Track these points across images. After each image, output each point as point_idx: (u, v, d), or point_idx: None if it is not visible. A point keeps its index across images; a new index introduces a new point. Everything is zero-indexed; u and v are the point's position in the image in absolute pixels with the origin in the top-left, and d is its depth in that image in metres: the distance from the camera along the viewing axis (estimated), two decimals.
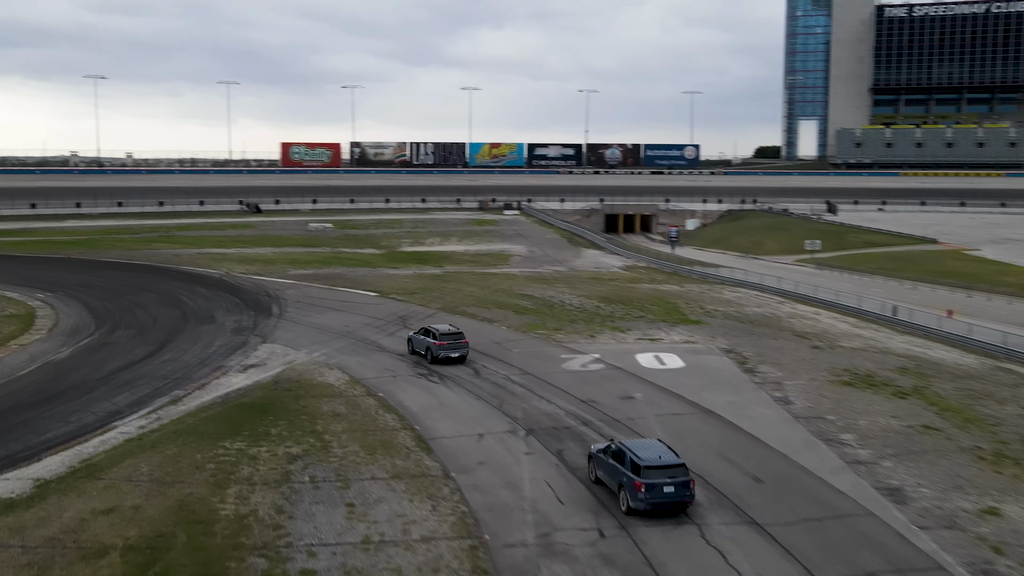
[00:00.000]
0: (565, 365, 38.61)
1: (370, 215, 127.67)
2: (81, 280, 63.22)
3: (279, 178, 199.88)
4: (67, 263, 72.67)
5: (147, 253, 79.31)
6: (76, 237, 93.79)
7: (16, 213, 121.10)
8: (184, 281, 62.67)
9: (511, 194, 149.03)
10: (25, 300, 55.06)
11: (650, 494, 22.87)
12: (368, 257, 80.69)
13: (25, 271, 67.85)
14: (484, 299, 56.12)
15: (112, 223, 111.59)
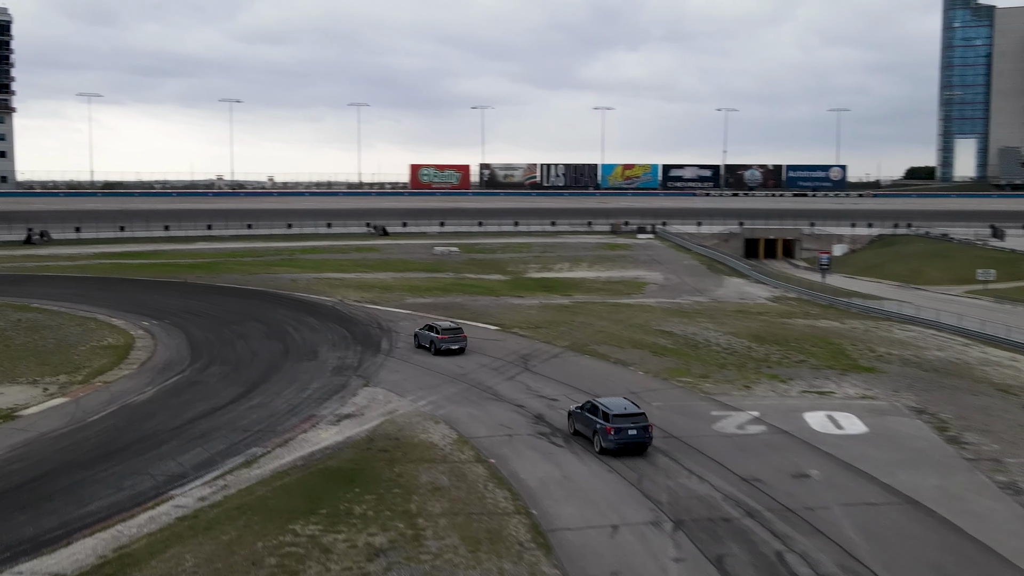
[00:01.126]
0: (717, 426, 31.85)
1: (498, 238, 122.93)
2: (191, 307, 59.95)
3: (408, 200, 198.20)
4: (182, 288, 69.92)
5: (264, 278, 76.14)
6: (200, 260, 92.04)
7: (150, 235, 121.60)
8: (295, 309, 58.61)
9: (644, 217, 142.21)
10: (128, 329, 51.86)
11: (618, 436, 28.21)
12: (492, 284, 75.42)
13: (139, 296, 65.31)
14: (617, 336, 49.77)
15: (239, 245, 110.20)
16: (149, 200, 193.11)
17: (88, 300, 62.82)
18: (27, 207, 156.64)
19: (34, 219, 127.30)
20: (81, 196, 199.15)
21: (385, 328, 51.39)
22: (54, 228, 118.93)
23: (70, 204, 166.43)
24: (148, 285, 71.54)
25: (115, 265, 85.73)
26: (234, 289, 69.05)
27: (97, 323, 53.56)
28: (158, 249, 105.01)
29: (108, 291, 68.18)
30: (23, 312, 57.23)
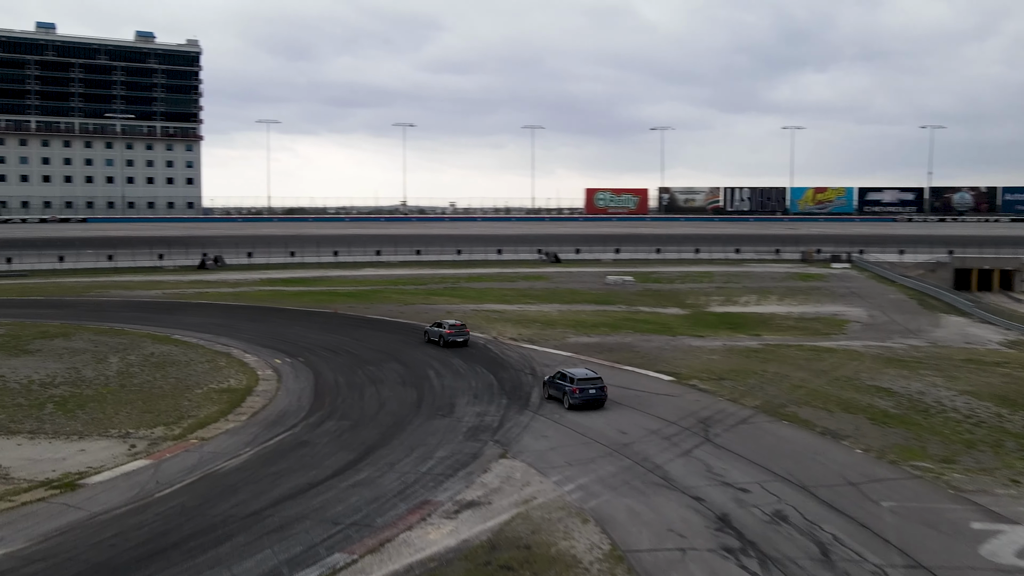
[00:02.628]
0: (986, 549, 22.08)
1: (676, 267, 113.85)
2: (333, 342, 54.53)
3: (582, 226, 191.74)
4: (329, 320, 64.93)
5: (419, 309, 70.43)
6: (360, 287, 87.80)
7: (319, 260, 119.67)
8: (442, 348, 52.10)
9: (839, 244, 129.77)
10: (258, 367, 46.74)
11: (581, 395, 36.53)
12: (669, 320, 66.78)
13: (283, 328, 60.70)
14: (821, 393, 40.32)
15: (404, 272, 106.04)
16: (321, 225, 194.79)
17: (231, 332, 58.74)
18: (207, 232, 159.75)
19: (211, 244, 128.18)
20: (258, 222, 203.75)
21: (539, 375, 43.91)
22: (228, 253, 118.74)
23: (246, 229, 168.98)
24: (297, 316, 67.04)
25: (273, 293, 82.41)
26: (383, 323, 63.49)
27: (228, 360, 48.81)
28: (323, 275, 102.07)
29: (255, 321, 64.15)
30: (161, 345, 53.40)
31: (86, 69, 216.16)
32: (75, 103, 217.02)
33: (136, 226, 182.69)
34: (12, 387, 41.41)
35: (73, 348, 52.08)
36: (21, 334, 57.18)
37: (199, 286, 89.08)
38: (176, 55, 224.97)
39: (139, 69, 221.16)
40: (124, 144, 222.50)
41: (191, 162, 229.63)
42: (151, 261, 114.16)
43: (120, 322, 62.93)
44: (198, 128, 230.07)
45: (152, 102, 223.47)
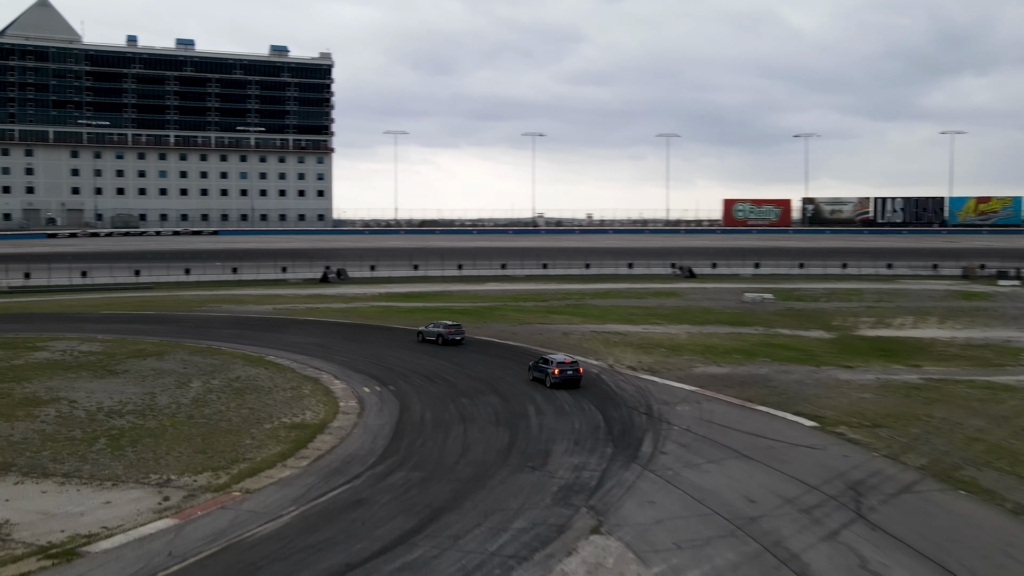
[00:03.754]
0: None
1: (821, 283, 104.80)
2: (431, 368, 49.56)
3: (719, 238, 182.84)
4: (435, 341, 60.07)
5: (534, 330, 64.92)
6: (476, 304, 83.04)
7: (443, 274, 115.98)
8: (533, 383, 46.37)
9: (1006, 259, 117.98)
10: (342, 397, 42.17)
11: (561, 375, 43.20)
12: (811, 345, 59.07)
13: (383, 350, 56.26)
14: (1005, 449, 32.46)
15: (528, 287, 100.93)
16: (449, 238, 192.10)
17: (328, 353, 54.73)
18: (333, 245, 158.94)
19: (335, 257, 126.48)
20: (385, 234, 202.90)
21: (655, 415, 37.65)
22: (352, 266, 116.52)
23: (373, 242, 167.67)
24: (401, 337, 62.51)
25: (384, 310, 78.46)
26: (491, 345, 58.22)
27: (314, 387, 44.46)
28: (444, 290, 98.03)
29: (356, 342, 59.96)
30: (251, 367, 49.71)
31: (222, 84, 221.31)
32: (211, 117, 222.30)
33: (264, 238, 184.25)
34: (77, 415, 38.03)
35: (161, 369, 48.90)
36: (117, 352, 54.72)
37: (313, 301, 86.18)
38: (309, 68, 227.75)
39: (273, 83, 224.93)
40: (258, 157, 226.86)
41: (322, 174, 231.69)
42: (274, 274, 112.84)
43: (220, 340, 59.99)
44: (329, 141, 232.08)
45: (285, 115, 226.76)
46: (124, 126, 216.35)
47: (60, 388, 43.80)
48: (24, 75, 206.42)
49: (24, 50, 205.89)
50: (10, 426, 36.26)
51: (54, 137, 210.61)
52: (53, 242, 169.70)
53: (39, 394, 42.39)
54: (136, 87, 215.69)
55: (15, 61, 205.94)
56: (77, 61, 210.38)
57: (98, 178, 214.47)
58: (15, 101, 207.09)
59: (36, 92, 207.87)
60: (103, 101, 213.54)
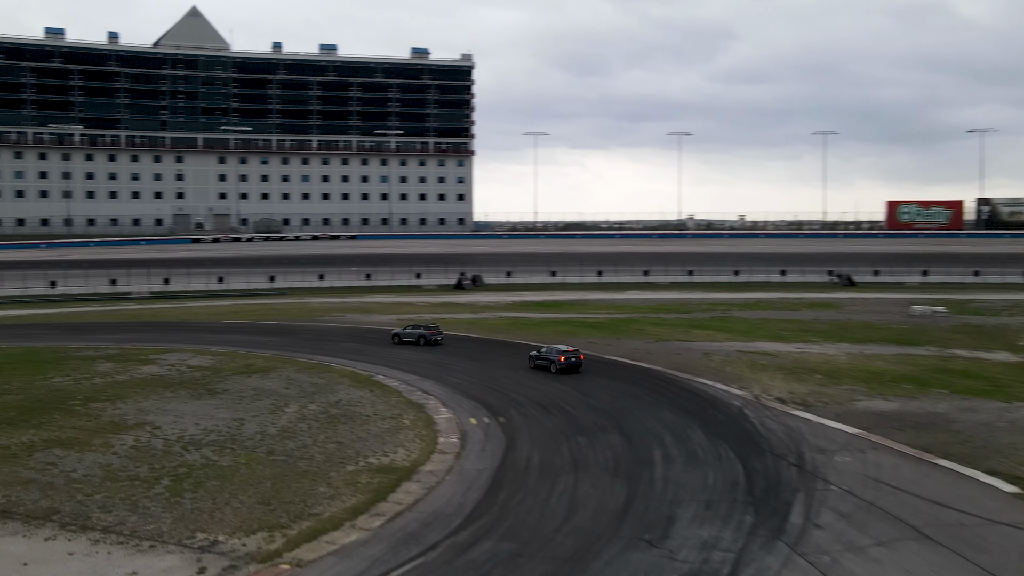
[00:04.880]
0: None
1: (1001, 294, 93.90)
2: (550, 395, 44.10)
3: (882, 243, 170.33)
4: None
5: (672, 348, 58.59)
6: (612, 316, 77.18)
7: (582, 280, 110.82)
8: (681, 412, 40.09)
9: None
10: (443, 431, 37.26)
11: (566, 362, 49.58)
12: (996, 372, 50.38)
13: (499, 371, 51.24)
14: None
15: (671, 296, 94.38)
16: (590, 243, 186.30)
17: (442, 373, 50.30)
18: (469, 250, 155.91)
19: (471, 263, 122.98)
20: (524, 239, 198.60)
21: (808, 468, 30.97)
22: (488, 272, 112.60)
23: (510, 247, 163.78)
24: (523, 354, 57.07)
25: (512, 322, 73.50)
26: (621, 367, 52.18)
27: (416, 417, 39.73)
28: (581, 299, 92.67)
29: (475, 360, 55.18)
30: (355, 389, 45.66)
31: (363, 88, 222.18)
32: (353, 121, 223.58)
33: (400, 243, 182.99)
34: (154, 446, 34.49)
35: (261, 390, 45.36)
36: (224, 368, 51.82)
37: (441, 311, 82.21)
38: (449, 70, 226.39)
39: (413, 86, 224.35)
40: (398, 161, 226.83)
41: (462, 177, 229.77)
42: (408, 280, 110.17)
43: (334, 355, 56.49)
44: (470, 143, 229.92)
45: (425, 118, 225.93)
46: (268, 132, 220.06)
47: (150, 410, 40.72)
48: (175, 83, 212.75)
49: (175, 59, 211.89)
50: (79, 458, 33.02)
51: (202, 144, 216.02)
52: (196, 247, 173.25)
53: (126, 418, 39.37)
54: (280, 93, 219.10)
55: (167, 70, 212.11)
56: (225, 69, 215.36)
57: (243, 183, 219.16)
58: (167, 109, 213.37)
59: (186, 100, 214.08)
60: (249, 107, 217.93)
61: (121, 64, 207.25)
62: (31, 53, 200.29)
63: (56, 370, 51.31)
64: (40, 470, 31.56)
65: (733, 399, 42.52)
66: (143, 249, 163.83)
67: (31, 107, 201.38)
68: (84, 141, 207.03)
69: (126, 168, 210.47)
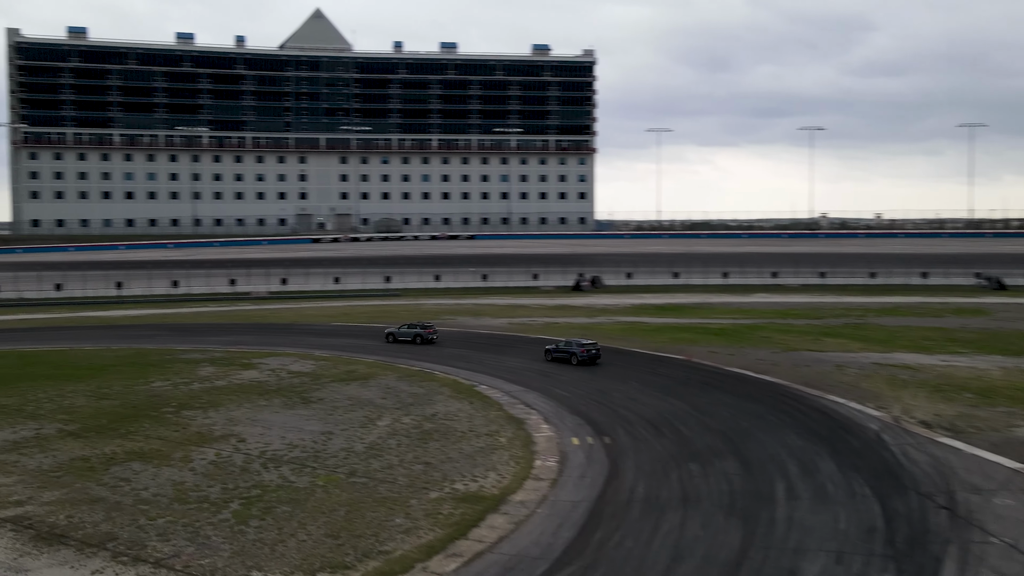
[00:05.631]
0: None
1: None
2: (663, 412, 40.24)
3: None
4: (675, 374, 50.40)
5: (799, 359, 53.75)
6: (736, 321, 72.41)
7: (705, 282, 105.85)
8: (809, 437, 35.62)
9: None
10: (542, 453, 34.05)
11: (586, 355, 52.57)
12: None
13: (611, 383, 47.46)
14: None
15: (801, 300, 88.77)
16: (715, 243, 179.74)
17: (548, 384, 47.22)
18: (589, 250, 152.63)
19: (591, 263, 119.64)
20: (646, 238, 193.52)
21: (961, 512, 26.32)
22: (608, 273, 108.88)
23: (631, 247, 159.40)
24: (638, 365, 53.44)
25: (628, 328, 69.55)
26: (743, 381, 47.71)
27: (514, 434, 36.66)
28: (704, 302, 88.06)
29: (582, 369, 51.64)
30: (455, 401, 43.13)
31: (483, 86, 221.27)
32: (473, 120, 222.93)
33: (520, 243, 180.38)
34: (234, 462, 32.48)
35: (357, 399, 43.22)
36: (324, 374, 50.18)
37: (555, 314, 79.03)
38: (570, 66, 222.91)
39: (534, 83, 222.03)
40: (518, 159, 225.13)
41: (584, 176, 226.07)
42: (525, 281, 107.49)
43: (438, 361, 54.32)
44: (591, 141, 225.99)
45: (546, 116, 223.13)
46: (389, 131, 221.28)
47: (240, 420, 39.00)
48: (298, 85, 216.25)
49: (299, 61, 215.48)
50: (154, 474, 31.27)
51: (325, 144, 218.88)
52: (315, 247, 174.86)
53: (214, 428, 37.73)
54: (401, 92, 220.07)
55: (291, 72, 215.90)
56: (347, 69, 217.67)
57: (364, 183, 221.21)
58: (291, 110, 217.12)
59: (309, 101, 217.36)
60: (370, 107, 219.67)
61: (247, 67, 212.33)
62: (163, 58, 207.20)
63: (158, 373, 50.56)
64: (112, 487, 29.88)
65: (869, 422, 37.76)
66: (264, 249, 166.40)
67: (162, 110, 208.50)
68: (211, 143, 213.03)
69: (251, 169, 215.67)
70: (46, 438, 36.49)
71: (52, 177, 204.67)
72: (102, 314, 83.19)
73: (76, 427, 38.17)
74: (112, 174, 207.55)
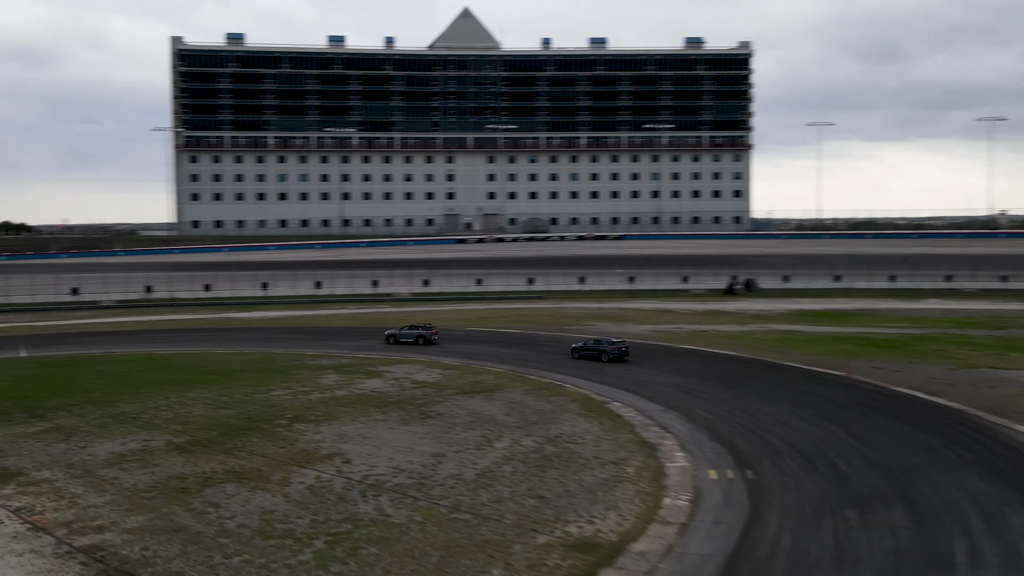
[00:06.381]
0: None
1: None
2: (815, 441, 35.24)
3: None
4: (833, 392, 44.93)
5: (979, 377, 47.26)
6: (906, 330, 65.73)
7: (870, 286, 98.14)
8: (998, 475, 30.09)
9: None
10: (672, 489, 29.82)
11: (617, 352, 54.40)
12: None
13: (759, 403, 42.57)
14: None
15: (978, 307, 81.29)
16: (881, 243, 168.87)
17: (688, 403, 42.99)
18: (744, 251, 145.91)
19: (745, 265, 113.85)
20: (805, 239, 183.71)
21: None
22: (764, 275, 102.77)
23: (790, 247, 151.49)
24: (790, 381, 48.20)
25: (783, 337, 64.02)
26: (911, 403, 41.91)
27: (644, 464, 32.63)
28: (867, 308, 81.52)
29: (731, 387, 46.70)
30: (582, 420, 39.55)
31: (633, 81, 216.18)
32: (622, 117, 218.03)
33: (670, 243, 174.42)
34: (332, 489, 29.74)
35: (479, 415, 40.16)
36: (448, 385, 47.53)
37: (703, 320, 74.10)
38: (725, 59, 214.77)
39: (686, 77, 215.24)
40: (670, 156, 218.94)
41: (739, 173, 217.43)
42: (674, 284, 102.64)
43: (570, 373, 51.07)
44: (747, 137, 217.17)
45: (699, 111, 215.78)
46: (536, 130, 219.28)
47: (351, 437, 36.49)
48: (446, 84, 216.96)
49: (446, 60, 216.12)
50: (247, 499, 28.83)
51: (472, 143, 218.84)
52: (460, 248, 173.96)
53: (322, 446, 35.29)
54: (549, 89, 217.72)
55: (439, 71, 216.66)
56: (495, 67, 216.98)
57: (511, 182, 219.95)
58: (438, 110, 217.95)
59: (457, 100, 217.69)
60: (517, 106, 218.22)
61: (396, 67, 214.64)
62: (315, 61, 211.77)
63: (281, 381, 48.99)
64: (199, 513, 27.56)
65: None
66: (409, 250, 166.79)
67: (314, 112, 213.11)
68: (361, 144, 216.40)
69: (400, 169, 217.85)
70: (152, 451, 34.87)
71: (211, 179, 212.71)
72: (244, 315, 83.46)
73: (185, 439, 36.51)
74: (266, 176, 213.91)
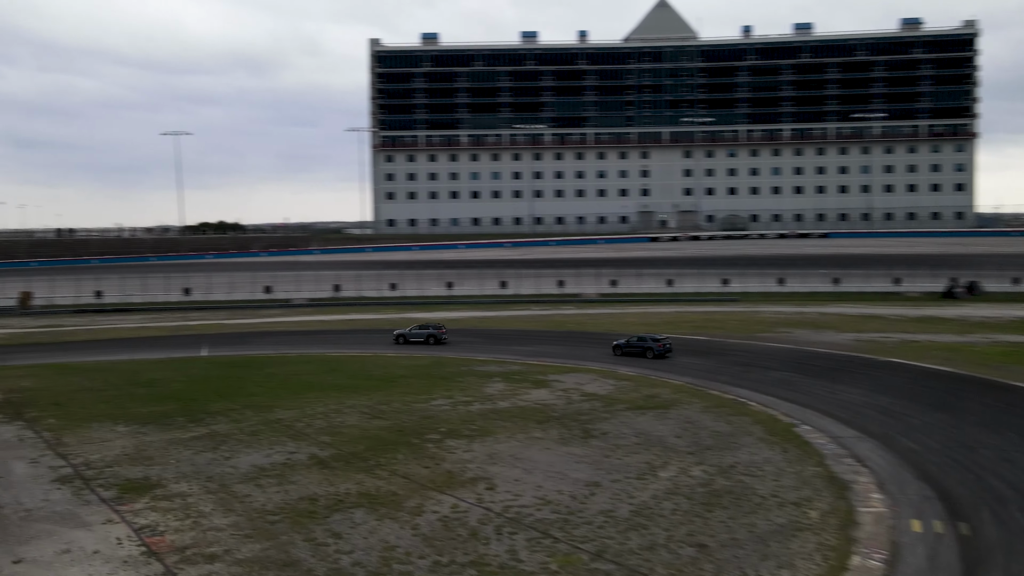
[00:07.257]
0: None
1: None
2: None
3: None
4: None
5: None
6: None
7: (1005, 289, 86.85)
8: None
9: None
10: (865, 543, 24.90)
11: (663, 348, 55.39)
12: None
13: (984, 435, 36.29)
14: None
15: None
16: None
17: (890, 429, 37.58)
18: (968, 250, 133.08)
19: (969, 265, 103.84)
20: None
21: None
22: (989, 277, 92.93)
23: (1018, 246, 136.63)
24: (1016, 405, 41.12)
25: (1010, 350, 56.06)
26: None
27: (830, 507, 27.85)
28: (1010, 315, 71.27)
29: (944, 410, 40.52)
30: (766, 445, 35.26)
31: (842, 68, 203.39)
32: (829, 106, 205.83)
33: (880, 241, 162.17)
34: (465, 523, 26.68)
35: (648, 436, 36.30)
36: (619, 398, 44.36)
37: (916, 328, 66.74)
38: (946, 41, 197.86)
39: (901, 62, 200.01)
40: (882, 148, 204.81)
41: (962, 165, 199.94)
42: (884, 286, 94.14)
43: (758, 388, 46.14)
44: (972, 125, 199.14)
45: (915, 98, 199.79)
46: (735, 122, 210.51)
47: (501, 458, 33.45)
48: (640, 78, 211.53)
49: (641, 53, 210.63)
50: (371, 530, 26.23)
51: (668, 138, 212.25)
52: (652, 246, 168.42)
53: (468, 467, 32.40)
54: (749, 80, 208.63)
55: (632, 64, 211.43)
56: (691, 59, 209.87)
57: (709, 178, 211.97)
58: (632, 104, 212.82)
59: (652, 94, 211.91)
60: (715, 97, 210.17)
61: (589, 61, 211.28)
62: (507, 58, 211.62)
63: (443, 389, 46.68)
64: (317, 545, 25.08)
65: None
66: (598, 248, 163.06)
67: (506, 110, 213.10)
68: (553, 140, 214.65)
69: (592, 166, 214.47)
70: (293, 466, 32.96)
71: (405, 178, 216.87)
72: (425, 315, 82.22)
73: (329, 453, 34.47)
74: (459, 174, 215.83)
